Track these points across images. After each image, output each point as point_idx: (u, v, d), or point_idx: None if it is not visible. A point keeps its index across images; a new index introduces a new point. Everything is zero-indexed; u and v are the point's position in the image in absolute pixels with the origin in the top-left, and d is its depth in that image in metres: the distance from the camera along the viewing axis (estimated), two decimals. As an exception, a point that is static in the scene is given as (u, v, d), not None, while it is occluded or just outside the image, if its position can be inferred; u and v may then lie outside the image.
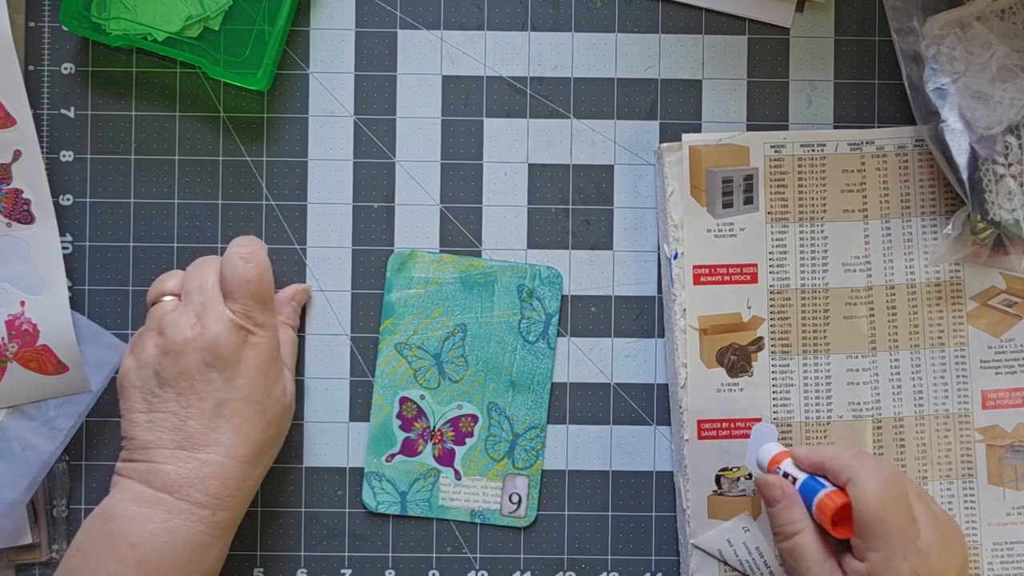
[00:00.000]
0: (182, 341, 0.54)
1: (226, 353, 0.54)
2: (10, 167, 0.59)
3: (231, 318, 0.54)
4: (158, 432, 0.54)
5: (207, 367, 0.53)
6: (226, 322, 0.54)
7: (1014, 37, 0.58)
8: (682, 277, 0.61)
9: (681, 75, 0.63)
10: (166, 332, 0.54)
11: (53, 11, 0.62)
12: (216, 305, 0.55)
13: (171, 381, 0.54)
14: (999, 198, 0.58)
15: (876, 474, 0.51)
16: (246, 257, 0.56)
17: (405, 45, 0.63)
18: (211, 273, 0.56)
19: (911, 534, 0.50)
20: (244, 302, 0.55)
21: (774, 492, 0.54)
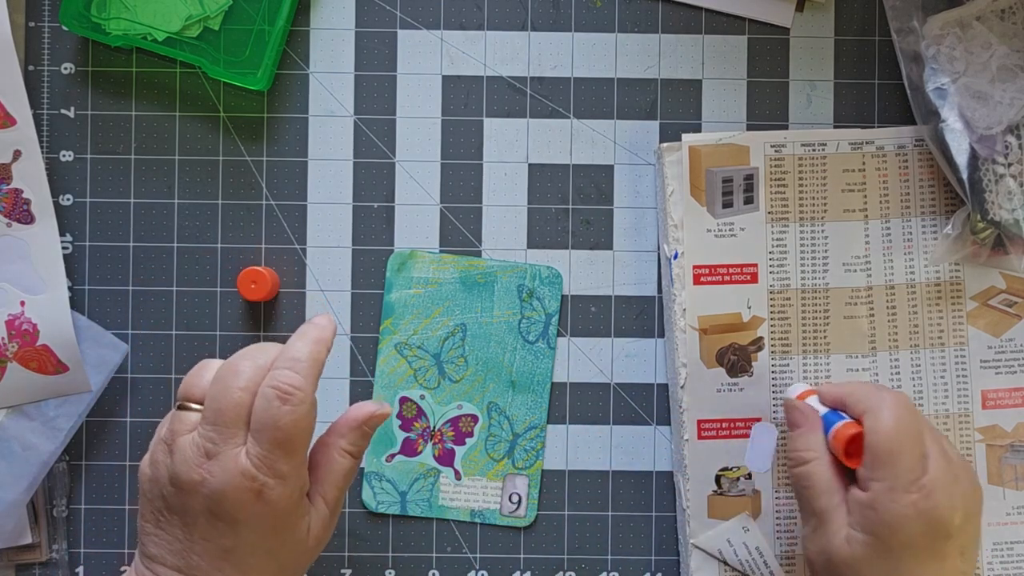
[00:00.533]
0: (187, 482, 0.47)
1: (230, 508, 0.47)
2: (10, 167, 0.59)
3: (243, 468, 0.47)
4: (163, 550, 0.49)
5: (211, 515, 0.47)
6: (235, 475, 0.47)
7: (1014, 37, 0.58)
8: (682, 277, 0.61)
9: (681, 75, 0.63)
10: (174, 461, 0.48)
11: (53, 11, 0.62)
12: (229, 449, 0.47)
13: (177, 512, 0.48)
14: (999, 198, 0.58)
15: (893, 407, 0.50)
16: (286, 395, 0.47)
17: (405, 45, 0.63)
18: (236, 396, 0.48)
19: (917, 469, 0.49)
20: (268, 449, 0.47)
21: (796, 416, 0.54)
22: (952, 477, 0.50)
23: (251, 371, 0.48)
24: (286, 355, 0.49)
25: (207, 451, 0.47)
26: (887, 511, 0.48)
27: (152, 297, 0.62)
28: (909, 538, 0.48)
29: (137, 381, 0.62)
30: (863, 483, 0.50)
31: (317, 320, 0.51)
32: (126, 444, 0.62)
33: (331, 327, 0.51)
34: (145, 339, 0.62)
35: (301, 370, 0.48)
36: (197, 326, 0.62)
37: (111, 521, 0.62)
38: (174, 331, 0.62)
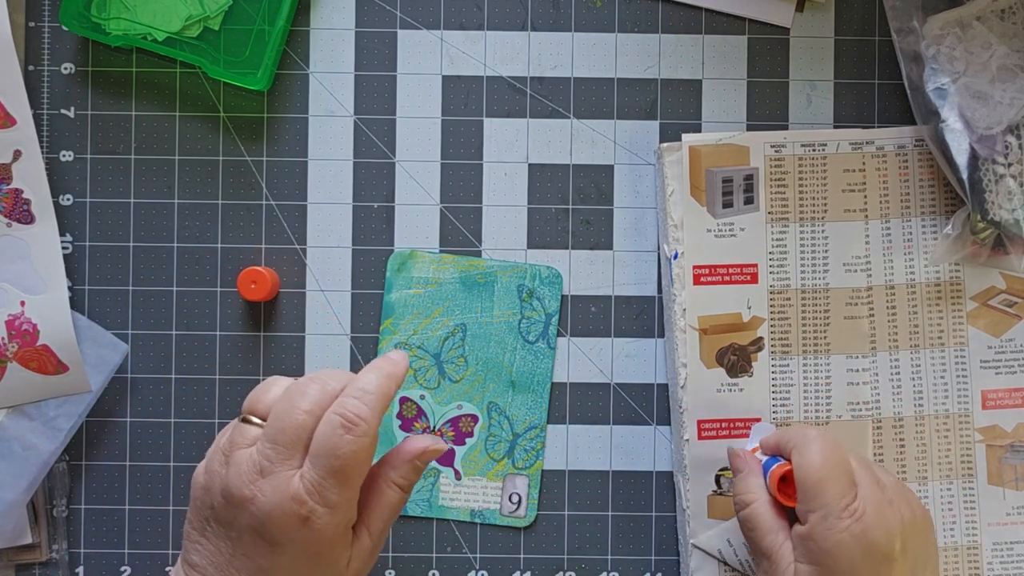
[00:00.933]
0: (238, 496, 0.47)
1: (274, 530, 0.46)
2: (10, 167, 0.59)
3: (294, 492, 0.46)
4: (206, 560, 0.48)
5: (256, 533, 0.47)
6: (285, 497, 0.46)
7: (1014, 37, 0.58)
8: (682, 277, 0.61)
9: (681, 75, 0.63)
10: (229, 473, 0.47)
11: (53, 11, 0.62)
12: (284, 470, 0.47)
13: (224, 524, 0.48)
14: (999, 198, 0.58)
15: (817, 441, 0.52)
16: (350, 424, 0.47)
17: (405, 45, 0.63)
18: (300, 417, 0.47)
19: (848, 495, 0.50)
20: (323, 475, 0.46)
21: (737, 462, 0.56)
22: (885, 501, 0.51)
23: (318, 395, 0.48)
24: (355, 385, 0.48)
25: (262, 468, 0.47)
26: (825, 539, 0.50)
27: (152, 297, 0.62)
28: (850, 563, 0.49)
29: (137, 381, 0.62)
30: (802, 517, 0.51)
31: (391, 355, 0.51)
32: (126, 444, 0.62)
33: (404, 364, 0.50)
34: (145, 339, 0.62)
35: (368, 402, 0.48)
36: (197, 326, 0.62)
37: (111, 521, 0.62)
38: (174, 331, 0.62)
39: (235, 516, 0.47)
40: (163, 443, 0.62)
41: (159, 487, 0.62)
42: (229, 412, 0.62)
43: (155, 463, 0.62)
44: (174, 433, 0.62)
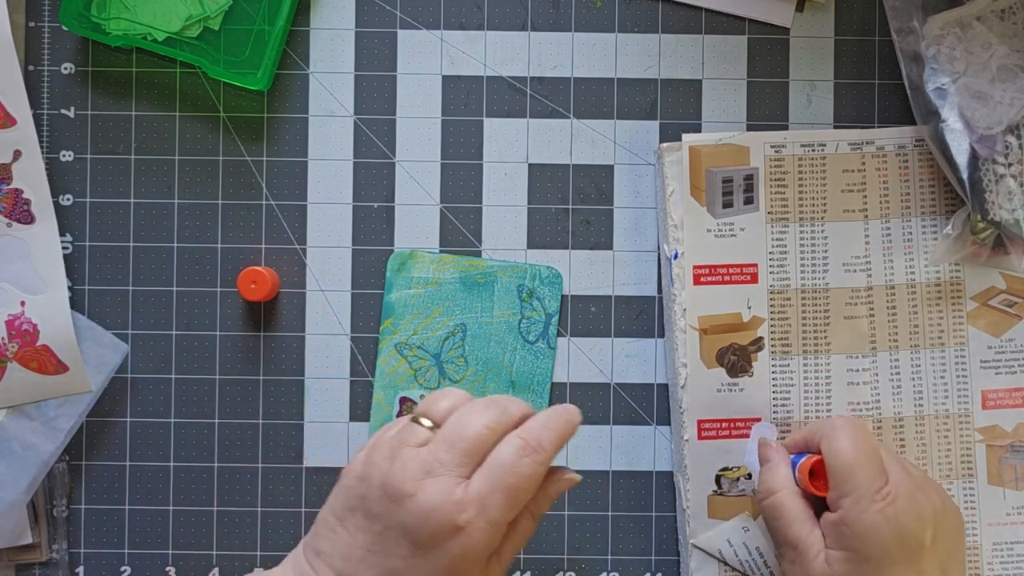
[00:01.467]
0: (398, 490, 0.46)
1: (425, 531, 0.46)
2: (10, 167, 0.59)
3: (458, 498, 0.46)
4: (335, 551, 0.47)
5: (403, 530, 0.46)
6: (447, 500, 0.46)
7: (1014, 37, 0.58)
8: (682, 277, 0.61)
9: (681, 75, 0.63)
10: (393, 467, 0.47)
11: (53, 11, 0.62)
12: (452, 475, 0.46)
13: (371, 516, 0.47)
14: (999, 198, 0.58)
15: (846, 428, 0.53)
16: (532, 450, 0.47)
17: (405, 45, 0.63)
18: (482, 431, 0.47)
19: (879, 479, 0.51)
20: (492, 489, 0.46)
21: (767, 451, 0.56)
22: (915, 487, 0.52)
23: (499, 415, 0.48)
24: (539, 418, 0.49)
25: (430, 469, 0.46)
26: (857, 523, 0.50)
27: (152, 297, 0.62)
28: (883, 546, 0.50)
29: (137, 381, 0.62)
30: (833, 505, 0.52)
31: (568, 406, 0.51)
32: (126, 444, 0.62)
33: (579, 418, 0.50)
34: (145, 339, 0.62)
35: (549, 437, 0.48)
36: (197, 326, 0.62)
37: (111, 521, 0.62)
38: (174, 331, 0.62)
39: (388, 510, 0.46)
40: (163, 443, 0.62)
41: (159, 487, 0.62)
42: (229, 412, 0.62)
43: (155, 463, 0.62)
44: (174, 433, 0.62)
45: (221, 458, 0.62)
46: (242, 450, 0.62)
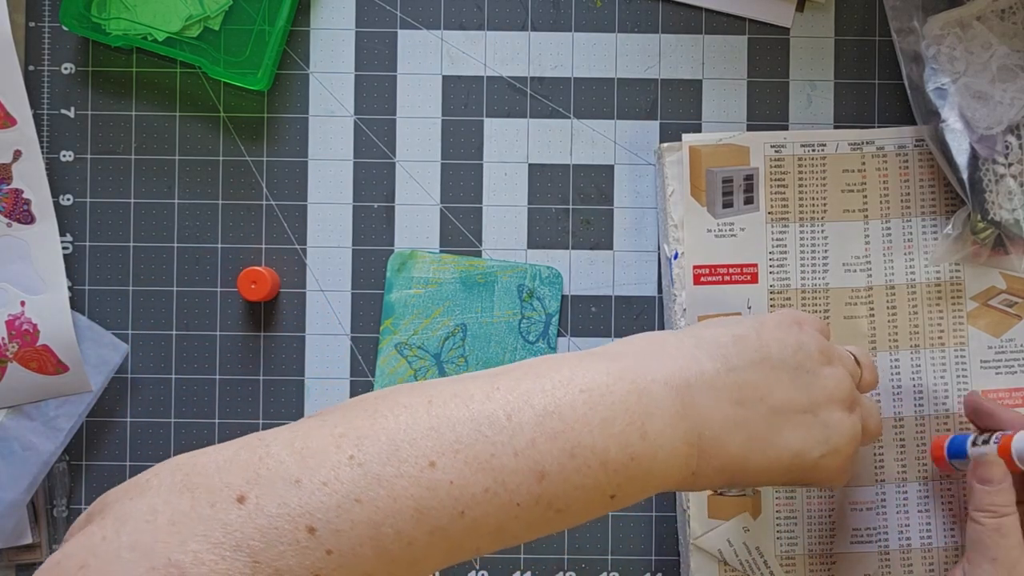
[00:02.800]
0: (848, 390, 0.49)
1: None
2: (10, 167, 0.59)
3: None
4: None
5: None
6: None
7: (1014, 37, 0.58)
8: (682, 277, 0.61)
9: (681, 75, 0.63)
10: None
11: (53, 11, 0.62)
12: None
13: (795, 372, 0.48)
14: (999, 198, 0.58)
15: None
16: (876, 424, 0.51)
17: (405, 45, 0.63)
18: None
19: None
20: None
21: (995, 472, 0.53)
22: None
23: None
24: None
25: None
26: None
27: (152, 297, 0.62)
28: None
29: (137, 381, 0.62)
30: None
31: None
32: (126, 444, 0.62)
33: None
34: (145, 339, 0.62)
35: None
36: (197, 326, 0.62)
37: (111, 521, 0.62)
38: (174, 331, 0.62)
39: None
40: (163, 443, 0.62)
41: (159, 487, 0.62)
42: (229, 412, 0.62)
43: (155, 463, 0.62)
44: (174, 433, 0.62)
45: (221, 458, 0.62)
46: (242, 450, 0.62)
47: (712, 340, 0.46)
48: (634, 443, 0.41)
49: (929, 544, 0.61)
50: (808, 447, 0.46)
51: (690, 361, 0.45)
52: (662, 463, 0.42)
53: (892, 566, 0.60)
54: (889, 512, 0.61)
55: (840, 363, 0.49)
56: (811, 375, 0.47)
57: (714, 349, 0.46)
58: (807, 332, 0.49)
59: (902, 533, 0.61)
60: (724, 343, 0.46)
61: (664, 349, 0.45)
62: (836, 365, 0.48)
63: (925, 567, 0.61)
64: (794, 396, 0.46)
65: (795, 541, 0.61)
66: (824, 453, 0.47)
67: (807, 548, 0.61)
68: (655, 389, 0.43)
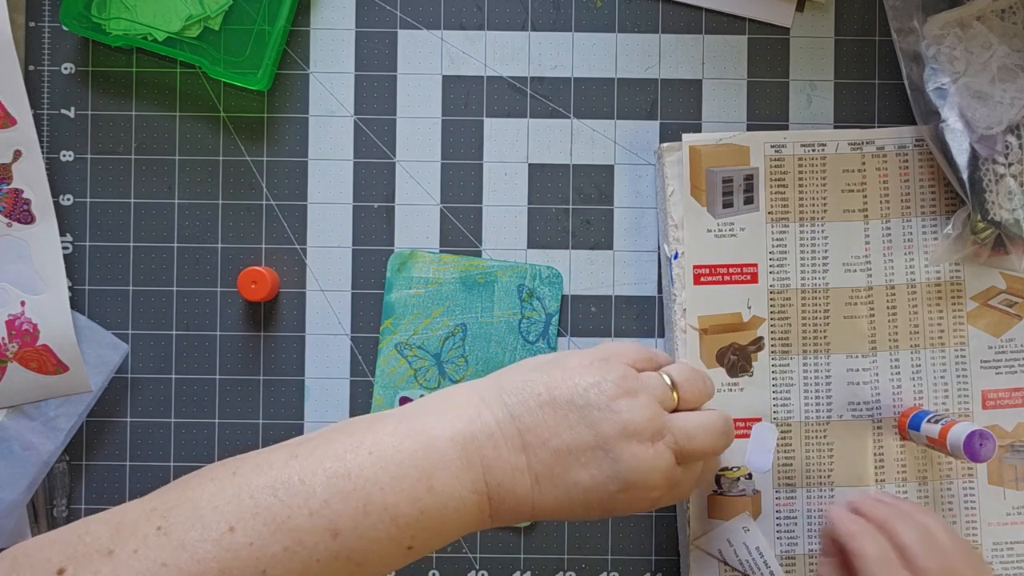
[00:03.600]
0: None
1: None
2: (10, 167, 0.59)
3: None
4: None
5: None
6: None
7: (1014, 37, 0.58)
8: (682, 277, 0.61)
9: (681, 75, 0.63)
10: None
11: (53, 11, 0.62)
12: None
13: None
14: (999, 198, 0.58)
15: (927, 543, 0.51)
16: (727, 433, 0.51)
17: (405, 45, 0.63)
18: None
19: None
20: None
21: (853, 527, 0.53)
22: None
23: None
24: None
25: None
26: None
27: (152, 297, 0.62)
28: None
29: (137, 381, 0.62)
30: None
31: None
32: (126, 444, 0.62)
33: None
34: (145, 339, 0.62)
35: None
36: (197, 326, 0.62)
37: (111, 521, 0.62)
38: (174, 331, 0.62)
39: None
40: (163, 443, 0.62)
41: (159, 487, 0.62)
42: (229, 412, 0.62)
43: (155, 463, 0.62)
44: (174, 433, 0.62)
45: (221, 458, 0.62)
46: (242, 450, 0.62)
47: (500, 389, 0.48)
48: (423, 497, 0.44)
49: (929, 544, 0.61)
50: (599, 483, 0.47)
51: (475, 414, 0.47)
52: (454, 512, 0.45)
53: (892, 566, 0.60)
54: (889, 512, 0.61)
55: (645, 392, 0.49)
56: (603, 411, 0.47)
57: (499, 399, 0.48)
58: (611, 366, 0.49)
59: (902, 533, 0.61)
60: (510, 391, 0.48)
61: (452, 404, 0.48)
62: (638, 396, 0.48)
63: (925, 567, 0.61)
64: (582, 434, 0.47)
65: (795, 541, 0.61)
66: (620, 487, 0.47)
67: (807, 548, 0.61)
68: (440, 445, 0.45)
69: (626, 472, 0.47)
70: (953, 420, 0.57)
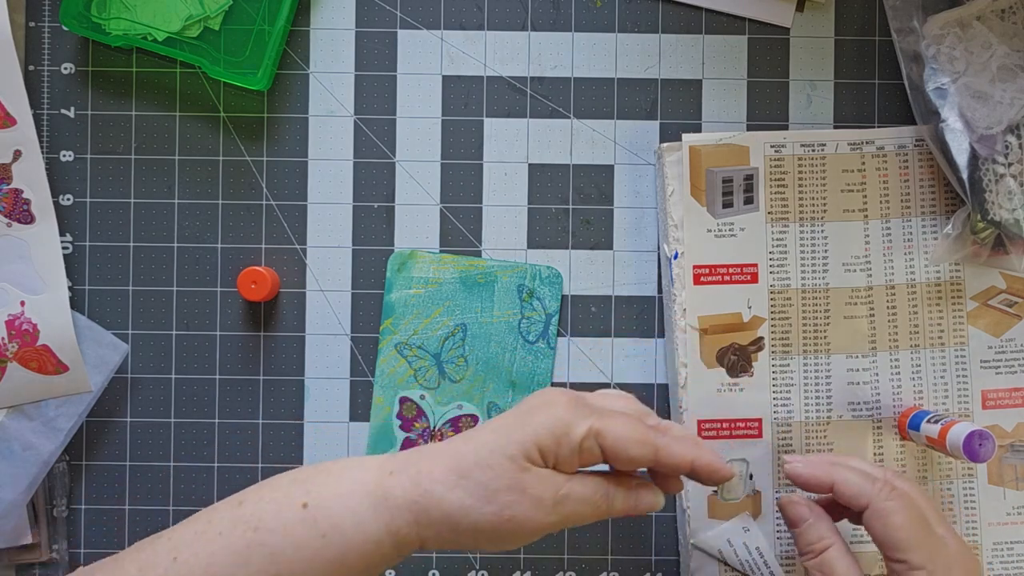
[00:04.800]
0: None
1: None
2: (10, 167, 0.59)
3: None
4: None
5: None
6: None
7: (1014, 37, 0.58)
8: (682, 277, 0.61)
9: (681, 75, 0.63)
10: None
11: (53, 11, 0.62)
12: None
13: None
14: (999, 198, 0.58)
15: (901, 508, 0.51)
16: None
17: (405, 45, 0.63)
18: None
19: (944, 549, 0.50)
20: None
21: (800, 511, 0.54)
22: (964, 547, 0.52)
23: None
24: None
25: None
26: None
27: (152, 297, 0.62)
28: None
29: (137, 381, 0.62)
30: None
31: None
32: (126, 444, 0.62)
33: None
34: (145, 339, 0.62)
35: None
36: (197, 326, 0.62)
37: (111, 521, 0.62)
38: (174, 331, 0.62)
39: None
40: (163, 443, 0.62)
41: (159, 487, 0.62)
42: (229, 412, 0.62)
43: (155, 463, 0.62)
44: (174, 433, 0.62)
45: (221, 458, 0.62)
46: (242, 450, 0.62)
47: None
48: (320, 469, 0.48)
49: (929, 544, 0.61)
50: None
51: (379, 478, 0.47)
52: (349, 481, 0.47)
53: (892, 566, 0.60)
54: (889, 512, 0.61)
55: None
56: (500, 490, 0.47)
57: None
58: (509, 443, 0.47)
59: (902, 533, 0.61)
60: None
61: (359, 465, 0.48)
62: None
63: (925, 567, 0.60)
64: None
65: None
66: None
67: (807, 548, 0.61)
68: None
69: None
70: (953, 420, 0.56)
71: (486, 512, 0.45)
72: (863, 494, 0.52)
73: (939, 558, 0.50)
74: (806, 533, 0.53)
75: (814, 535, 0.53)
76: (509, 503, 0.45)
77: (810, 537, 0.53)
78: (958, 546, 0.51)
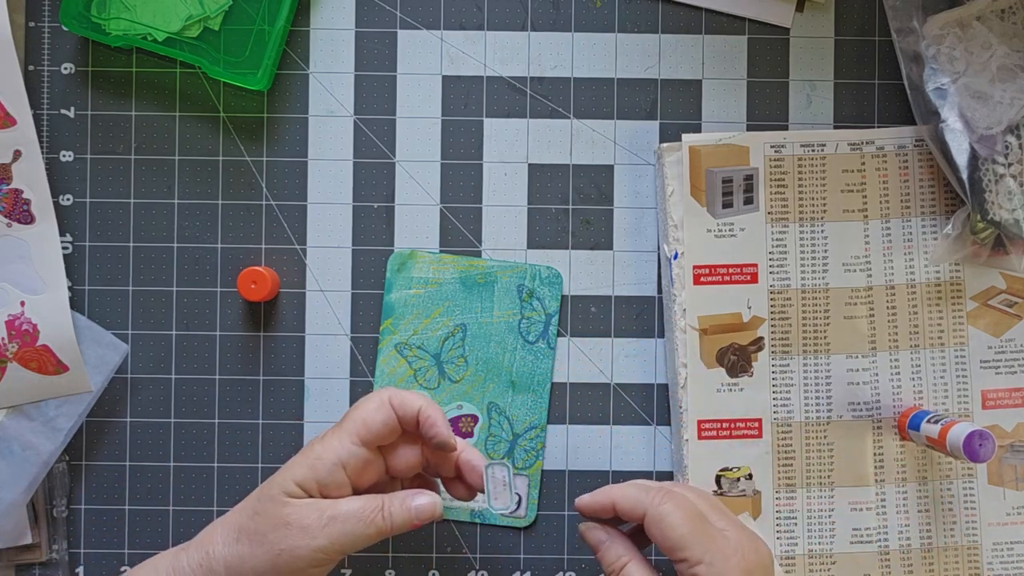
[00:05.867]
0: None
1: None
2: (10, 167, 0.59)
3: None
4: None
5: None
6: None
7: (1014, 37, 0.58)
8: (682, 277, 0.61)
9: (681, 75, 0.63)
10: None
11: (53, 11, 0.62)
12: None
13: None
14: (999, 198, 0.58)
15: (670, 509, 0.52)
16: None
17: (405, 45, 0.63)
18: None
19: (720, 539, 0.51)
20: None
21: (597, 534, 0.55)
22: (747, 534, 0.53)
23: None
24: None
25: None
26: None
27: (152, 297, 0.62)
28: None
29: (137, 381, 0.62)
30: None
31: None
32: (126, 444, 0.62)
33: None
34: (145, 339, 0.62)
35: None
36: (197, 326, 0.62)
37: (111, 521, 0.62)
38: (174, 331, 0.62)
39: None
40: (163, 443, 0.62)
41: (159, 487, 0.62)
42: (229, 412, 0.62)
43: (155, 463, 0.62)
44: (174, 433, 0.62)
45: (221, 458, 0.62)
46: (242, 450, 0.62)
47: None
48: None
49: (929, 544, 0.61)
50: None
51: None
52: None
53: (892, 566, 0.61)
54: (889, 512, 0.61)
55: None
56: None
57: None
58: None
59: (902, 533, 0.61)
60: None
61: (163, 556, 0.54)
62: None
63: (925, 567, 0.61)
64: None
65: (795, 541, 0.61)
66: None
67: (807, 548, 0.61)
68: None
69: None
70: (953, 420, 0.56)
71: (259, 554, 0.51)
72: (639, 504, 0.53)
73: (716, 549, 0.51)
74: (606, 554, 0.55)
75: (613, 555, 0.54)
76: (278, 539, 0.50)
77: (610, 557, 0.55)
78: (738, 535, 0.52)
